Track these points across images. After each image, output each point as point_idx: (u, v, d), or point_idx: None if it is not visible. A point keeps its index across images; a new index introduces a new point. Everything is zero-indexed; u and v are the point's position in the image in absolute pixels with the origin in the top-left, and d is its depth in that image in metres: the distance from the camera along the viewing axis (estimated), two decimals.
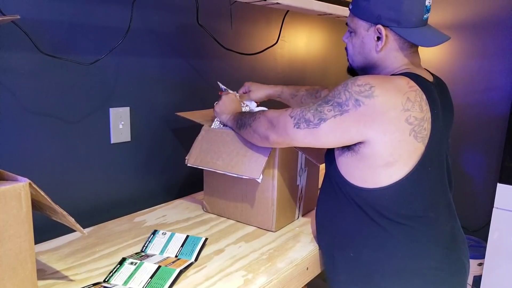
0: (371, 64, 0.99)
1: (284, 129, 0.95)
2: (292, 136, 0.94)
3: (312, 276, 1.05)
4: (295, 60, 1.96)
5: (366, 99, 0.84)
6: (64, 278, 0.87)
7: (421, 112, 0.86)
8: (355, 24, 0.97)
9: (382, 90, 0.84)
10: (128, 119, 1.27)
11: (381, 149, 0.86)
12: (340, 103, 0.86)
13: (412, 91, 0.86)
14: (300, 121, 0.91)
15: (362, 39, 0.97)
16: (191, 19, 1.40)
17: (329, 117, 0.87)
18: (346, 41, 1.04)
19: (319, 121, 0.89)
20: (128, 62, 1.25)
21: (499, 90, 2.08)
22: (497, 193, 1.87)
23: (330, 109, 0.87)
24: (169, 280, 0.85)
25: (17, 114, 1.02)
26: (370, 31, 0.95)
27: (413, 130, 0.85)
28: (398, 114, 0.84)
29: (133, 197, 1.33)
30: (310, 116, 0.90)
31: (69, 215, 0.77)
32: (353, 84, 0.86)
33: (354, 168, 0.92)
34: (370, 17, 0.94)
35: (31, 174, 1.06)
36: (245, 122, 1.07)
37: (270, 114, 1.00)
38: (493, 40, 2.07)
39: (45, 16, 1.04)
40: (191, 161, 1.17)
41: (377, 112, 0.84)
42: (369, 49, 0.97)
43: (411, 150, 0.86)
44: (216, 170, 1.12)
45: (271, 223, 1.13)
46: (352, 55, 1.02)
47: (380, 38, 0.94)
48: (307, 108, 0.91)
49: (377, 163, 0.87)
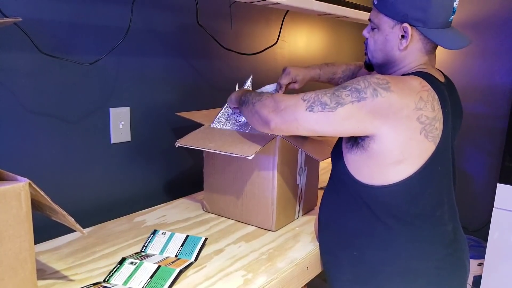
0: (391, 62, 0.98)
1: (292, 113, 0.91)
2: (301, 121, 0.90)
3: (312, 276, 1.05)
4: (295, 60, 1.96)
5: (383, 91, 0.84)
6: (64, 278, 0.87)
7: (433, 112, 0.86)
8: (380, 20, 0.96)
9: (397, 88, 0.85)
10: (128, 119, 1.27)
11: (391, 146, 0.85)
12: (359, 89, 0.85)
13: (424, 91, 0.86)
14: (314, 104, 0.88)
15: (386, 36, 0.96)
16: (191, 19, 1.40)
17: (346, 102, 0.85)
18: (367, 36, 1.02)
19: (336, 105, 0.86)
20: (128, 62, 1.25)
21: (500, 90, 2.08)
22: (497, 193, 1.87)
23: (348, 94, 0.86)
24: (169, 280, 0.85)
25: (17, 114, 1.02)
26: (395, 28, 0.94)
27: (424, 129, 0.85)
28: (410, 113, 0.84)
29: (133, 197, 1.33)
30: (326, 99, 0.87)
31: (69, 215, 0.77)
32: (371, 77, 0.86)
33: (363, 165, 0.91)
34: (397, 14, 0.92)
35: (31, 174, 1.06)
36: (249, 100, 1.03)
37: (279, 96, 0.96)
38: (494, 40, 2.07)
39: (45, 16, 1.04)
40: (182, 142, 1.14)
41: (391, 108, 0.84)
42: (392, 46, 0.96)
43: (421, 148, 0.86)
44: (206, 149, 1.09)
45: (271, 222, 1.13)
46: (373, 51, 1.00)
47: (405, 37, 0.93)
48: (322, 91, 0.89)
49: (387, 160, 0.87)
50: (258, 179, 1.13)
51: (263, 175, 1.12)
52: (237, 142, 1.08)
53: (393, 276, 0.92)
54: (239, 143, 1.07)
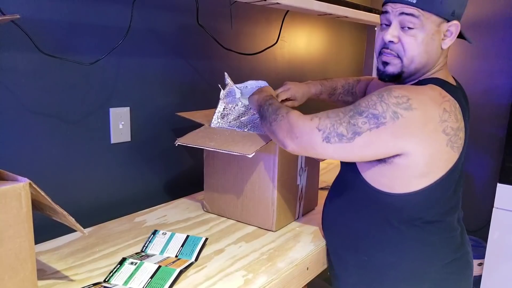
0: (429, 64, 0.92)
1: (308, 142, 0.87)
2: (319, 150, 0.87)
3: (313, 276, 1.05)
4: (295, 60, 1.96)
5: (404, 111, 0.80)
6: (64, 278, 0.87)
7: (456, 122, 0.84)
8: (426, 19, 0.86)
9: (420, 103, 0.81)
10: (128, 119, 1.27)
11: (417, 160, 0.83)
12: (376, 115, 0.81)
13: (446, 101, 0.84)
14: (330, 135, 0.84)
15: (432, 35, 0.88)
16: (191, 19, 1.40)
17: (364, 130, 0.81)
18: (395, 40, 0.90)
19: (353, 135, 0.82)
20: (128, 62, 1.25)
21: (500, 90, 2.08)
22: (497, 193, 1.87)
23: (365, 121, 0.81)
24: (169, 280, 0.85)
25: (17, 114, 1.02)
26: (442, 27, 0.88)
27: (450, 141, 0.84)
28: (435, 126, 0.82)
29: (133, 197, 1.33)
30: (342, 129, 0.83)
31: (69, 215, 0.77)
32: (389, 95, 0.82)
33: (382, 176, 0.88)
34: (446, 13, 0.87)
35: (31, 174, 1.06)
36: (267, 116, 1.00)
37: (293, 119, 0.90)
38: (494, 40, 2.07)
39: (45, 16, 1.04)
40: (181, 140, 1.14)
41: (416, 124, 0.80)
42: (436, 46, 0.90)
43: (447, 159, 0.85)
44: (206, 147, 1.09)
45: (271, 223, 1.13)
46: (414, 53, 0.89)
47: (451, 35, 0.89)
48: (337, 119, 0.84)
49: (412, 173, 0.85)
50: (258, 179, 1.13)
51: (263, 175, 1.12)
52: (237, 140, 1.08)
53: (400, 280, 0.92)
54: (239, 142, 1.07)
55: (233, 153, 1.03)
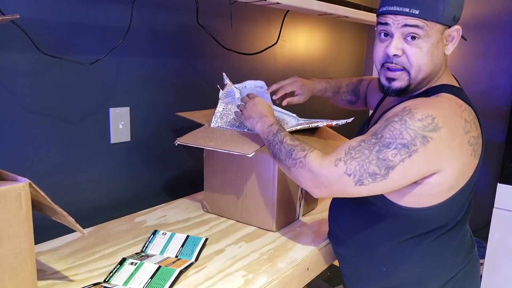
0: (434, 71, 0.89)
1: (340, 189, 0.83)
2: (353, 194, 0.83)
3: (313, 276, 1.05)
4: (295, 60, 1.96)
5: (433, 133, 0.77)
6: (64, 278, 0.87)
7: (476, 130, 0.84)
8: (431, 29, 0.83)
9: (444, 120, 0.79)
10: (128, 119, 1.27)
11: (449, 175, 0.81)
12: (406, 144, 0.77)
13: (464, 111, 0.83)
14: (363, 177, 0.80)
15: (437, 43, 0.85)
16: (191, 19, 1.40)
17: (396, 163, 0.78)
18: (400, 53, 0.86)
19: (386, 170, 0.78)
20: (128, 62, 1.25)
21: (500, 91, 2.08)
22: (497, 193, 1.87)
23: (395, 153, 0.77)
24: (169, 280, 0.85)
25: (17, 114, 1.02)
26: (445, 33, 0.86)
27: (473, 150, 0.83)
28: (461, 139, 0.81)
29: (133, 197, 1.32)
30: (374, 168, 0.79)
31: (69, 215, 0.77)
32: (412, 119, 0.78)
33: (408, 194, 0.85)
34: (448, 19, 0.84)
35: (31, 174, 1.06)
36: (281, 158, 0.92)
37: (315, 167, 0.84)
38: (494, 40, 2.07)
39: (45, 16, 1.04)
40: (181, 140, 1.13)
41: (446, 143, 0.78)
42: (441, 53, 0.88)
43: (471, 168, 0.84)
44: (206, 147, 1.08)
45: (272, 223, 1.13)
46: (421, 63, 0.86)
47: (453, 40, 0.88)
48: (364, 158, 0.80)
49: (442, 188, 0.83)
50: (258, 179, 1.13)
51: (263, 175, 1.11)
52: (237, 140, 1.08)
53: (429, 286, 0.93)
54: (239, 141, 1.07)
55: (233, 153, 1.03)
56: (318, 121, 1.13)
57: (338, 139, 1.20)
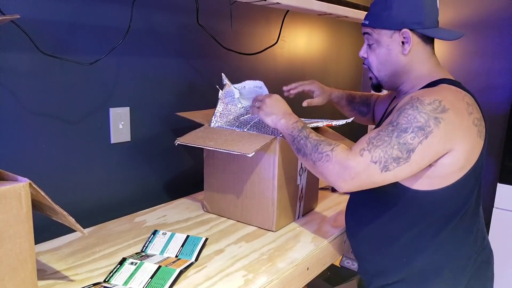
0: (399, 70, 1.00)
1: (367, 178, 0.85)
2: (379, 182, 0.87)
3: (313, 276, 1.05)
4: (295, 60, 1.96)
5: (443, 114, 0.84)
6: (64, 278, 0.87)
7: (478, 113, 0.90)
8: (377, 35, 0.99)
9: (450, 102, 0.86)
10: (128, 119, 1.27)
11: (460, 156, 0.87)
12: (421, 126, 0.83)
13: (465, 96, 0.90)
14: (388, 163, 0.84)
15: (387, 46, 0.98)
16: (191, 19, 1.40)
17: (415, 145, 0.83)
18: (366, 56, 1.04)
19: (408, 153, 0.83)
20: (128, 62, 1.25)
21: (499, 90, 2.08)
22: (497, 193, 1.87)
23: (413, 136, 0.83)
24: (169, 280, 0.85)
25: (17, 114, 1.02)
26: (394, 37, 0.97)
27: (479, 131, 0.89)
28: (468, 121, 0.87)
29: (133, 197, 1.32)
30: (397, 153, 0.83)
31: (69, 215, 0.77)
32: (422, 104, 0.85)
33: (423, 177, 0.89)
34: (394, 24, 0.96)
35: (31, 174, 1.05)
36: (306, 152, 0.94)
37: (343, 160, 0.87)
38: (494, 40, 2.07)
39: (45, 16, 1.04)
40: (181, 139, 1.14)
41: (455, 123, 0.85)
42: (396, 54, 0.98)
43: (478, 148, 0.90)
44: (206, 147, 1.08)
45: (272, 223, 1.13)
46: (378, 65, 1.02)
47: (407, 41, 0.96)
48: (386, 144, 0.84)
49: (454, 168, 0.88)
50: (258, 179, 1.13)
51: (263, 175, 1.12)
52: (237, 140, 1.08)
53: (442, 276, 0.94)
54: (239, 141, 1.07)
55: (233, 153, 1.04)
56: (318, 121, 1.14)
57: (338, 139, 1.20)
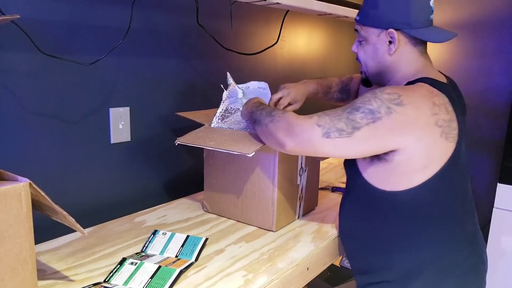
0: (384, 68, 1.02)
1: (308, 138, 0.89)
2: (318, 146, 0.88)
3: (313, 276, 1.05)
4: (295, 60, 1.96)
5: (397, 106, 0.85)
6: (64, 278, 0.87)
7: (447, 114, 0.89)
8: (366, 32, 1.01)
9: (410, 99, 0.87)
10: (128, 119, 1.27)
11: (416, 154, 0.87)
12: (372, 110, 0.85)
13: (435, 96, 0.89)
14: (330, 131, 0.86)
15: (374, 45, 1.01)
16: (191, 19, 1.40)
17: (362, 125, 0.85)
18: (356, 51, 1.07)
19: (352, 129, 0.85)
20: (128, 62, 1.25)
21: (499, 90, 2.08)
22: (497, 193, 1.87)
23: (362, 116, 0.85)
24: (169, 280, 0.85)
25: (17, 114, 1.02)
26: (381, 36, 0.99)
27: (444, 132, 0.88)
28: (427, 120, 0.86)
29: (133, 197, 1.33)
30: (342, 125, 0.86)
31: (69, 215, 0.77)
32: (382, 92, 0.87)
33: (387, 176, 0.91)
34: (381, 23, 0.98)
35: (31, 174, 1.06)
36: (261, 120, 1.01)
37: (292, 119, 0.92)
38: (493, 40, 2.07)
39: (45, 16, 1.04)
40: (181, 139, 1.14)
41: (408, 120, 0.85)
42: (382, 53, 1.00)
43: (444, 149, 0.89)
44: (206, 147, 1.08)
45: (272, 223, 1.13)
46: (365, 61, 1.05)
47: (393, 41, 0.97)
48: (335, 115, 0.88)
49: (413, 167, 0.88)
50: (258, 179, 1.13)
51: (263, 175, 1.12)
52: (237, 140, 1.08)
53: (427, 276, 0.94)
54: (239, 141, 1.07)
55: (233, 153, 1.04)
56: None
57: None
